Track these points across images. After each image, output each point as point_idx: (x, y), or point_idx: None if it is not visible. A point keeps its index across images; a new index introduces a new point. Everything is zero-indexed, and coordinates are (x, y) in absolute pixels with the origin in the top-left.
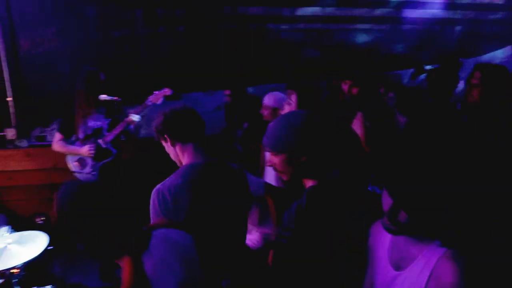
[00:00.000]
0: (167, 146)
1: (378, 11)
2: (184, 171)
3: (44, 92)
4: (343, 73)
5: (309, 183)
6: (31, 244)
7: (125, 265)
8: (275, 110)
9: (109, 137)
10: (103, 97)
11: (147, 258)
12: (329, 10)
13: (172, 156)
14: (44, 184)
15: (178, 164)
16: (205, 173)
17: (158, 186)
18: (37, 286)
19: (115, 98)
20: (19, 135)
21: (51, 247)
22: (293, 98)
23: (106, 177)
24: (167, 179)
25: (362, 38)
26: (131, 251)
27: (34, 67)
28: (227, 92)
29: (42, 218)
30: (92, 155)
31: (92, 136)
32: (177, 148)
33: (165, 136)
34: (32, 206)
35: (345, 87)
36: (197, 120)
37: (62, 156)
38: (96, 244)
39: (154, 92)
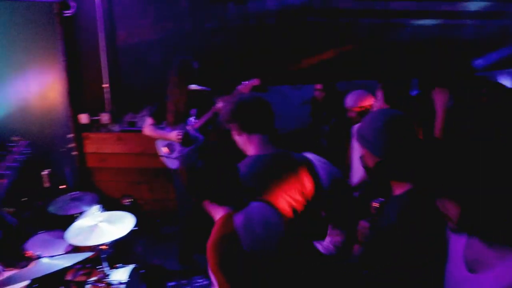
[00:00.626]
0: (235, 135)
1: (477, 6)
2: (249, 163)
3: (137, 80)
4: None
5: (396, 185)
6: (119, 224)
7: (219, 217)
8: (359, 109)
9: (197, 124)
10: (193, 86)
11: (239, 216)
12: (425, 4)
13: (239, 144)
14: (133, 168)
15: (244, 153)
16: (270, 164)
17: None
18: (122, 263)
19: (205, 88)
20: (113, 120)
21: (136, 228)
22: (379, 94)
23: None
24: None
25: (466, 33)
26: (233, 204)
27: (129, 56)
28: (318, 86)
29: (129, 200)
30: (180, 141)
31: (181, 123)
32: (244, 138)
33: (233, 125)
34: (120, 188)
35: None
36: (266, 111)
37: (151, 142)
38: (212, 190)
39: (243, 82)
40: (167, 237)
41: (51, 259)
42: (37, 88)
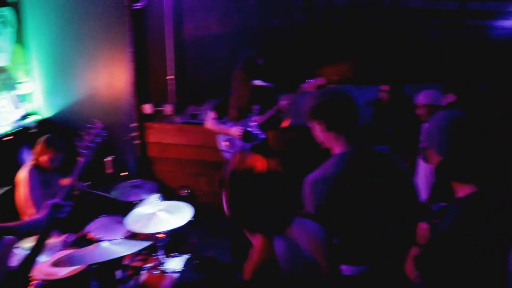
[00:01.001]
0: (318, 130)
1: None
2: (337, 161)
3: (201, 73)
4: None
5: (459, 187)
6: (178, 214)
7: (257, 242)
8: (430, 107)
9: (259, 120)
10: (258, 82)
11: (280, 240)
12: (503, 4)
13: (320, 140)
14: (192, 159)
15: (325, 147)
16: (358, 162)
17: (311, 175)
18: (178, 253)
19: (269, 84)
20: (176, 112)
21: (192, 219)
22: (450, 98)
23: None
24: (320, 169)
25: None
26: (267, 230)
27: (195, 50)
28: (385, 87)
29: (187, 191)
30: (241, 136)
31: (243, 118)
32: (330, 135)
33: (318, 122)
34: (179, 179)
35: None
36: (354, 108)
37: (212, 135)
38: (241, 216)
39: (307, 80)
40: (222, 230)
41: (111, 243)
42: (105, 77)
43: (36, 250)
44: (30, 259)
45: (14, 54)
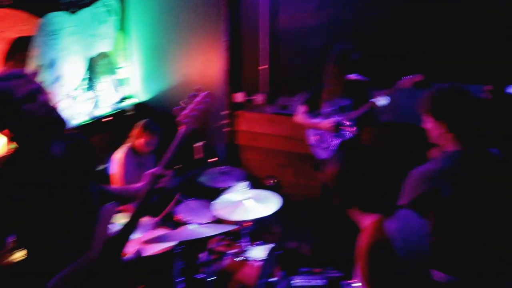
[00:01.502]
0: (434, 128)
1: None
2: (448, 158)
3: (294, 65)
4: None
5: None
6: (265, 203)
7: (369, 222)
8: None
9: (352, 115)
10: (352, 76)
11: (391, 222)
12: None
13: (432, 136)
14: (280, 150)
15: (433, 142)
16: (470, 162)
17: (418, 168)
18: (261, 241)
19: (364, 78)
20: (266, 101)
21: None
22: None
23: None
24: (428, 163)
25: None
26: (383, 209)
27: (289, 40)
28: (488, 87)
29: (273, 181)
30: (332, 131)
31: (335, 113)
32: (448, 135)
33: (440, 121)
34: (266, 168)
35: None
36: (477, 111)
37: (301, 127)
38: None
39: (404, 76)
40: (305, 223)
41: (198, 226)
42: (199, 65)
43: (132, 225)
44: (125, 234)
45: (117, 41)
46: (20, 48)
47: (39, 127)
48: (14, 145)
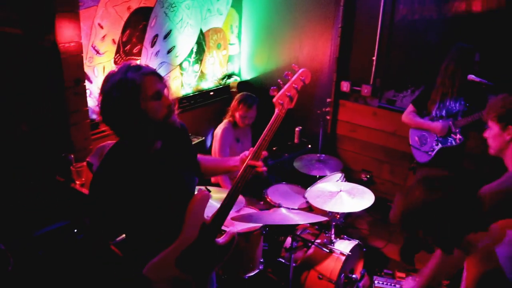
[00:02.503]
0: (498, 135)
1: None
2: None
3: (407, 58)
4: None
5: None
6: (358, 198)
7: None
8: None
9: (462, 122)
10: (471, 77)
11: (502, 247)
12: None
13: (495, 144)
14: (380, 145)
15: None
16: None
17: (487, 186)
18: (347, 236)
19: (486, 81)
20: (372, 94)
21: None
22: None
23: (441, 161)
24: (498, 181)
25: None
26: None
27: (404, 33)
28: None
29: (367, 175)
30: (443, 135)
31: (444, 116)
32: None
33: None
34: (362, 162)
35: None
36: None
37: (405, 124)
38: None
39: None
40: (393, 224)
41: (288, 211)
42: (308, 49)
43: (226, 209)
44: (220, 218)
45: (229, 17)
46: (140, 17)
47: (156, 127)
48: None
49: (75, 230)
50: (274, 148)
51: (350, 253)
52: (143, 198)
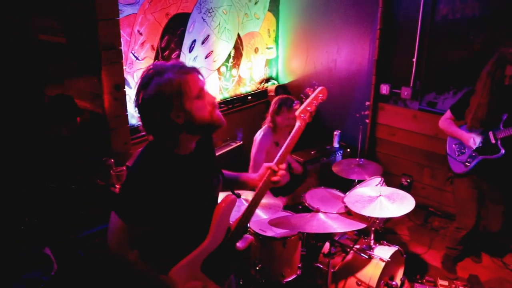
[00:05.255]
0: None
1: None
2: None
3: (449, 60)
4: None
5: None
6: (398, 203)
7: None
8: None
9: (503, 133)
10: None
11: None
12: None
13: None
14: (420, 149)
15: None
16: None
17: None
18: (387, 241)
19: None
20: (412, 96)
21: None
22: None
23: (481, 173)
24: None
25: None
26: None
27: (446, 33)
28: None
29: (408, 180)
30: (473, 148)
31: (483, 126)
32: None
33: None
34: (402, 166)
35: None
36: None
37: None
38: None
39: None
40: (434, 228)
41: (326, 216)
42: (346, 51)
43: (248, 216)
44: (243, 224)
45: (265, 21)
46: (178, 23)
47: (199, 128)
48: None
49: None
50: (312, 152)
51: (389, 259)
52: (175, 200)
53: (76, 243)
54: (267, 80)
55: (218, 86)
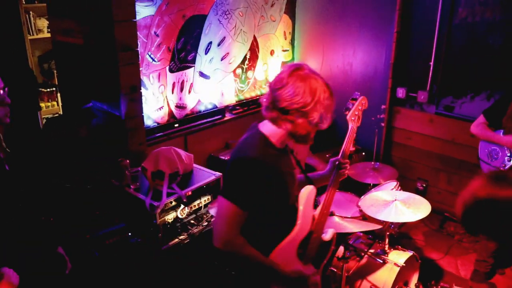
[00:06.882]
0: None
1: None
2: None
3: (467, 63)
4: None
5: None
6: (414, 208)
7: None
8: None
9: None
10: None
11: None
12: None
13: None
14: (437, 153)
15: None
16: None
17: None
18: (401, 246)
19: None
20: (429, 100)
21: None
22: None
23: None
24: None
25: None
26: None
27: (465, 36)
28: None
29: (423, 184)
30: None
31: None
32: None
33: None
34: (417, 170)
35: None
36: None
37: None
38: None
39: None
40: (449, 234)
41: (341, 219)
42: (362, 54)
43: (328, 204)
44: (326, 206)
45: (282, 23)
46: (194, 25)
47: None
48: None
49: (129, 234)
50: (327, 155)
51: (404, 264)
52: (277, 186)
53: (91, 242)
54: None
55: (233, 88)
